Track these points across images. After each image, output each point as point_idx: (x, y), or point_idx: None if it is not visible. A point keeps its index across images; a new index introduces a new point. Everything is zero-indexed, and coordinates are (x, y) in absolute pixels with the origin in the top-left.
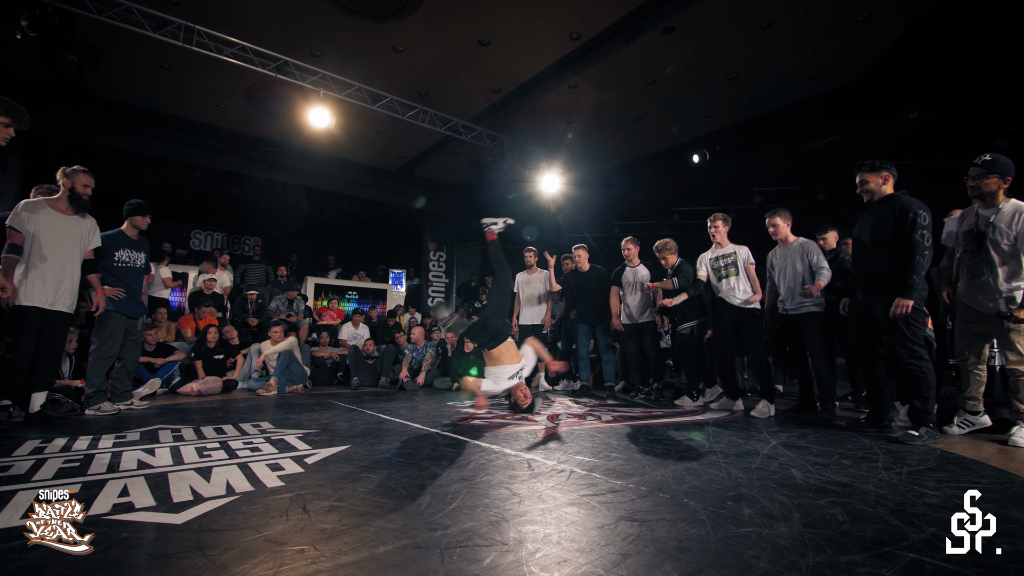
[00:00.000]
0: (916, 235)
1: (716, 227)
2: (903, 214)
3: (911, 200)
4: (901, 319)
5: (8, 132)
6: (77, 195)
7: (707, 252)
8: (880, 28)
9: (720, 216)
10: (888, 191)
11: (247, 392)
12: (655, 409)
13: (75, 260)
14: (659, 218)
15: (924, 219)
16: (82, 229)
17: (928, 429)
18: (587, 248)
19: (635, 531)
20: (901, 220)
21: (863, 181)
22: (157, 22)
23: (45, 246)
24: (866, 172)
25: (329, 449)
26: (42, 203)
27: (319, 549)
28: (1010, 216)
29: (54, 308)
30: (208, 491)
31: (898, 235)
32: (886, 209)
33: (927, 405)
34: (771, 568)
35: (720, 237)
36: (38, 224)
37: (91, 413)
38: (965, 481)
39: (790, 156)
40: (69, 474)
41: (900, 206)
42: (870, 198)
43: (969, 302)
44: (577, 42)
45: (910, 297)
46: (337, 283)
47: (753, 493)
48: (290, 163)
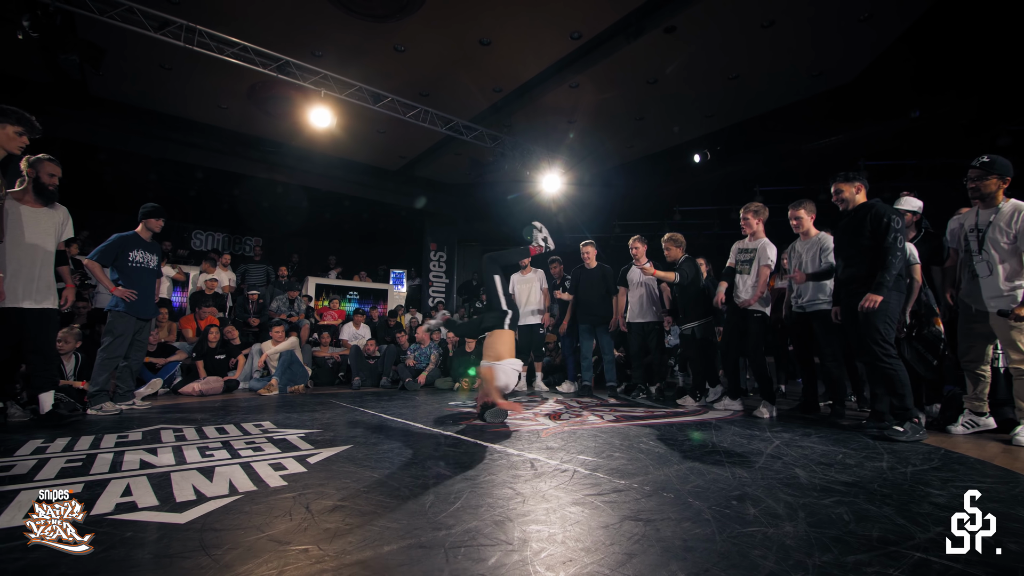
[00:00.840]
0: (889, 238)
1: (746, 219)
2: (878, 220)
3: (884, 207)
4: (872, 315)
5: (22, 141)
6: (43, 185)
7: (739, 241)
8: (881, 27)
9: (752, 207)
10: (861, 199)
11: (248, 392)
12: (657, 409)
13: (48, 254)
14: (660, 218)
15: (897, 223)
16: (54, 220)
17: (912, 424)
18: (595, 245)
19: (640, 531)
20: (876, 225)
21: (838, 191)
22: (158, 22)
23: (15, 242)
24: (840, 182)
25: (331, 449)
26: (8, 198)
27: (323, 549)
28: (1009, 215)
29: (36, 306)
30: (211, 491)
31: (874, 239)
32: (862, 216)
33: (905, 401)
34: (778, 568)
35: (752, 229)
36: (7, 220)
37: (93, 413)
38: (970, 480)
39: (791, 156)
40: (72, 474)
41: (875, 212)
42: (844, 207)
43: (971, 302)
44: (578, 42)
45: (879, 293)
46: (338, 283)
47: (758, 492)
48: (291, 163)
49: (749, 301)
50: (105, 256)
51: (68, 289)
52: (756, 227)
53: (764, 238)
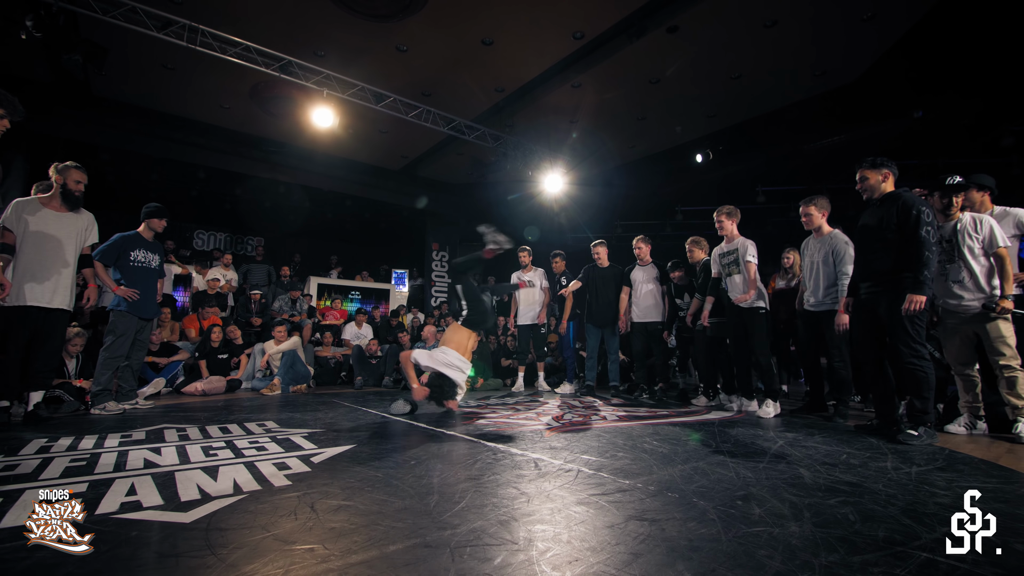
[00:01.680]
0: (922, 231)
1: (720, 222)
2: (906, 211)
3: (913, 197)
4: (907, 317)
5: (3, 124)
6: (69, 191)
7: (718, 247)
8: (884, 27)
9: (724, 210)
10: (888, 189)
11: (251, 392)
12: (660, 409)
13: (71, 257)
14: (662, 218)
15: (928, 216)
16: (78, 225)
17: (926, 429)
18: (606, 244)
19: (645, 530)
20: (904, 218)
21: (863, 178)
22: (161, 22)
23: (40, 244)
24: (866, 169)
25: (335, 448)
26: (35, 202)
27: (328, 548)
28: (972, 224)
29: (51, 306)
30: (215, 490)
31: (902, 232)
32: (888, 207)
33: (927, 405)
34: (784, 568)
35: (726, 231)
36: (32, 223)
37: (96, 412)
38: (975, 480)
39: (793, 156)
40: (76, 473)
41: (903, 203)
42: (869, 195)
43: (953, 307)
44: (580, 41)
45: (923, 293)
46: (340, 283)
47: (762, 493)
48: (293, 163)
49: (747, 296)
50: (107, 255)
51: (91, 289)
52: (731, 229)
53: (740, 237)
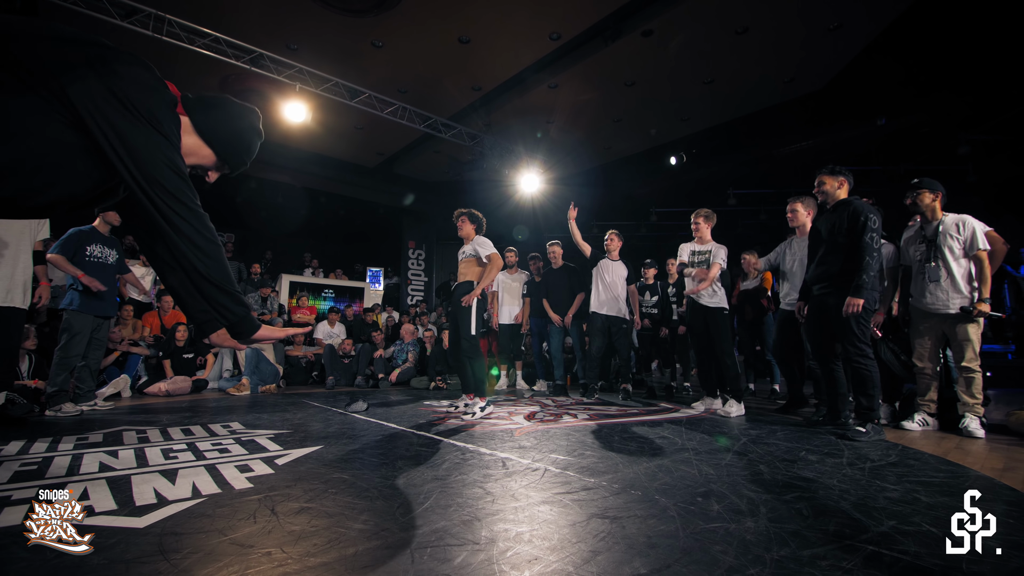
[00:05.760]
0: (866, 237)
1: (697, 224)
2: (855, 217)
3: (862, 204)
4: (852, 317)
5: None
6: None
7: (688, 244)
8: (850, 37)
9: (703, 213)
10: (843, 196)
11: (218, 392)
12: (630, 407)
13: (25, 253)
14: (638, 218)
15: (874, 222)
16: (29, 221)
17: (873, 425)
18: (561, 244)
19: (606, 528)
20: (853, 223)
21: (820, 182)
22: (125, 10)
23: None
24: (825, 175)
25: (301, 449)
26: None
27: (287, 551)
28: (954, 225)
29: (4, 304)
30: (173, 493)
31: (850, 237)
32: (840, 213)
33: (872, 402)
34: (737, 562)
35: (701, 233)
36: None
37: (51, 414)
38: (924, 476)
39: (765, 160)
40: (26, 477)
41: (852, 210)
42: (824, 199)
43: (926, 306)
44: (557, 43)
45: (860, 296)
46: (313, 281)
47: (722, 489)
48: (265, 158)
49: (697, 289)
50: (65, 250)
51: (43, 287)
52: (705, 232)
53: (713, 242)
